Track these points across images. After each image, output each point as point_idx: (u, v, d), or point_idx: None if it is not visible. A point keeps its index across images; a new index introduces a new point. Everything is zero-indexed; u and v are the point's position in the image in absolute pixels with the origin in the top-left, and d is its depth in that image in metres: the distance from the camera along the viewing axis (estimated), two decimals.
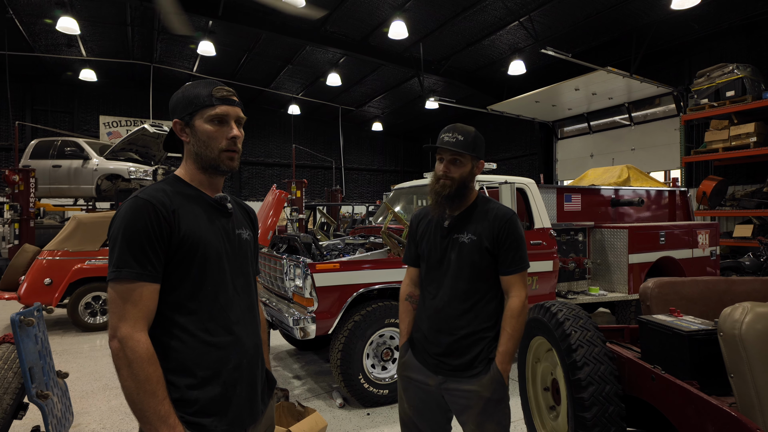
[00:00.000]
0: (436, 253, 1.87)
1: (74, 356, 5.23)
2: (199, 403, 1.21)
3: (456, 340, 1.78)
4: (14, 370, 2.38)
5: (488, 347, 1.78)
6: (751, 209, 8.82)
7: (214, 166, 1.32)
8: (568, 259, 5.29)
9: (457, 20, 11.04)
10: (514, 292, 1.79)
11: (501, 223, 1.80)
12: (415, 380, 1.88)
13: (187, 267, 1.23)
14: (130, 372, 1.11)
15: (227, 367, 1.27)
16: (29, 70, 15.25)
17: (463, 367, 1.77)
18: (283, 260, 4.00)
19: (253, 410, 1.35)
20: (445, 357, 1.80)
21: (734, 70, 8.86)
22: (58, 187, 10.56)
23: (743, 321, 1.55)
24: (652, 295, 2.38)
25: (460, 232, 1.83)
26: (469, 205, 1.87)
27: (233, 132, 1.31)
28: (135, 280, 1.14)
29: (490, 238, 1.79)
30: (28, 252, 6.89)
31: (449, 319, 1.80)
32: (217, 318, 1.27)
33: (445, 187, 1.80)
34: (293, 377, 4.58)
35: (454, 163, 1.80)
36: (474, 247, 1.79)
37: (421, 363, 1.87)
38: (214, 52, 12.10)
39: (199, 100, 1.29)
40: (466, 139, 1.79)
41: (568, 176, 15.26)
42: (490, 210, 1.85)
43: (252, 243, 1.47)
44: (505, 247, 1.79)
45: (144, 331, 1.14)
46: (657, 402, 1.88)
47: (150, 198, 1.20)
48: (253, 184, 19.96)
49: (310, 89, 16.82)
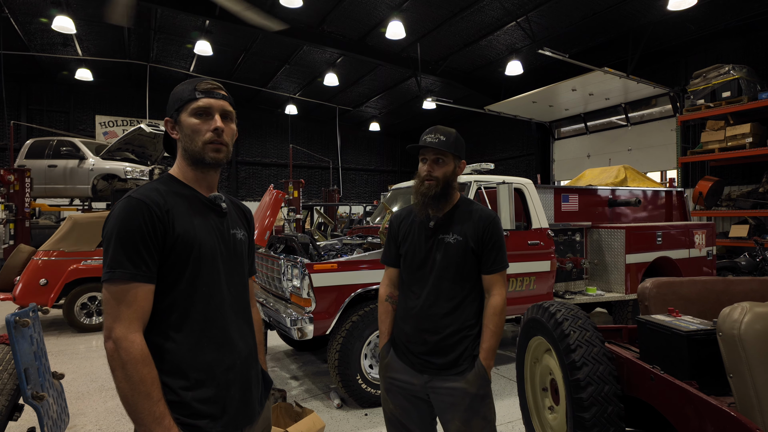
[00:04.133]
0: (420, 253, 1.89)
1: (70, 357, 5.20)
2: (194, 405, 1.20)
3: (441, 338, 1.82)
4: (9, 371, 2.36)
5: (472, 345, 1.84)
6: (747, 209, 8.86)
7: (199, 159, 1.31)
8: (565, 259, 5.29)
9: (454, 20, 11.05)
10: (496, 290, 1.85)
11: (485, 224, 1.86)
12: (399, 380, 1.91)
13: (181, 267, 1.21)
14: (124, 373, 1.10)
15: (221, 369, 1.25)
16: (25, 70, 15.17)
17: (449, 365, 1.81)
18: (280, 260, 3.99)
19: (249, 411, 1.33)
20: (431, 356, 1.83)
21: (730, 70, 8.90)
22: (53, 187, 10.51)
23: (742, 321, 1.55)
24: (650, 295, 2.38)
25: (445, 233, 1.87)
26: (452, 206, 1.91)
27: (216, 123, 1.30)
28: (129, 281, 1.13)
29: (475, 238, 1.84)
30: (23, 252, 6.86)
31: (435, 318, 1.83)
32: (210, 319, 1.25)
33: (430, 187, 1.83)
34: (291, 378, 4.57)
35: (437, 162, 1.84)
36: (460, 248, 1.84)
37: (405, 363, 1.89)
38: (210, 51, 12.06)
39: (183, 95, 1.30)
40: (448, 139, 1.83)
41: (565, 176, 15.30)
42: (474, 211, 1.90)
43: (247, 243, 1.45)
44: (488, 248, 1.85)
45: (139, 332, 1.13)
46: (656, 402, 1.88)
47: (143, 197, 1.19)
48: (250, 184, 19.92)
49: (307, 89, 16.80)
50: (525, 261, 4.57)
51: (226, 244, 1.34)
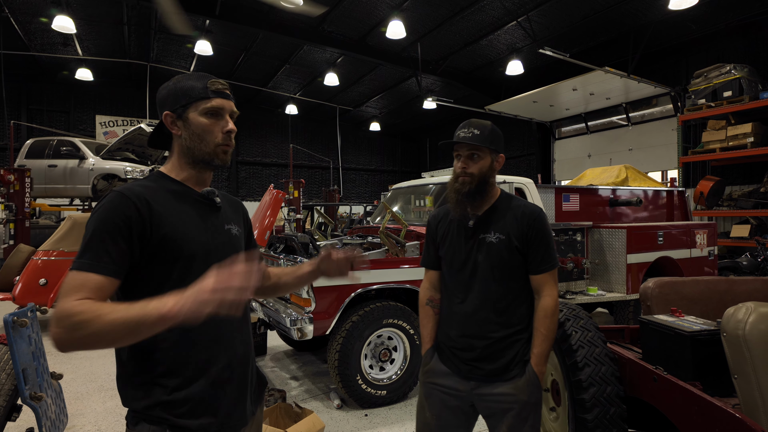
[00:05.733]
0: (460, 255, 1.79)
1: (69, 357, 5.19)
2: (189, 404, 1.18)
3: (490, 344, 1.72)
4: (7, 372, 2.35)
5: (523, 350, 1.73)
6: (748, 209, 8.84)
7: (208, 160, 1.28)
8: (566, 259, 5.28)
9: (454, 20, 11.04)
10: (546, 291, 1.73)
11: (530, 221, 1.74)
12: (441, 386, 1.80)
13: (172, 264, 1.19)
14: (97, 331, 0.97)
15: (217, 367, 1.23)
16: (25, 69, 15.16)
17: (499, 372, 1.71)
18: (280, 260, 3.98)
19: (244, 411, 1.31)
20: (479, 362, 1.73)
21: (731, 70, 8.88)
22: (53, 187, 10.50)
23: (747, 321, 1.53)
24: (652, 295, 2.36)
25: (486, 232, 1.76)
26: (492, 203, 1.80)
27: (229, 126, 1.28)
28: (87, 271, 1.07)
29: (519, 236, 1.73)
30: (23, 252, 6.84)
31: (482, 323, 1.73)
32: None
33: (465, 184, 1.73)
34: (290, 378, 4.55)
35: (471, 158, 1.74)
36: (503, 247, 1.72)
37: (451, 369, 1.79)
38: (211, 51, 12.05)
39: (193, 92, 1.25)
40: (483, 133, 1.73)
41: (566, 176, 15.28)
42: (516, 207, 1.78)
43: (242, 238, 1.42)
44: (535, 245, 1.73)
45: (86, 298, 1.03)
46: (659, 403, 1.86)
47: (125, 191, 1.16)
48: (250, 184, 19.91)
49: (307, 89, 16.78)
50: None
51: (221, 240, 1.31)
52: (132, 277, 1.17)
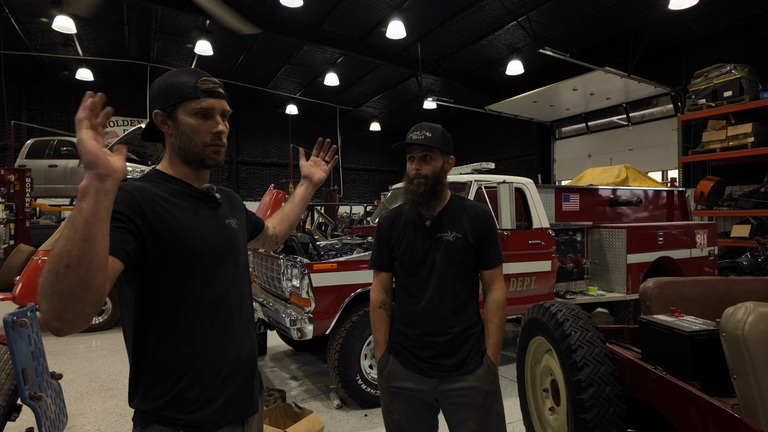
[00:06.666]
0: (417, 254, 1.83)
1: (69, 357, 5.19)
2: (200, 400, 1.19)
3: (449, 339, 1.78)
4: (7, 372, 2.35)
5: (478, 342, 1.83)
6: (748, 209, 8.83)
7: (199, 160, 1.27)
8: (566, 259, 5.28)
9: (455, 20, 11.03)
10: (496, 285, 1.86)
11: (483, 220, 1.85)
12: (404, 389, 1.82)
13: (178, 262, 1.18)
14: (59, 271, 0.85)
15: (228, 361, 1.25)
16: (25, 70, 15.17)
17: (458, 365, 1.78)
18: (280, 260, 3.98)
19: (252, 401, 1.33)
20: (439, 358, 1.78)
21: (732, 70, 8.87)
22: (54, 186, 10.50)
23: (746, 321, 1.53)
24: (652, 295, 2.36)
25: (443, 231, 1.83)
26: (445, 203, 1.87)
27: (219, 127, 1.25)
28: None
29: (474, 234, 1.83)
30: (23, 252, 6.85)
31: (441, 319, 1.79)
32: (213, 311, 1.23)
33: (420, 185, 1.79)
34: (290, 378, 4.55)
35: (424, 159, 1.80)
36: (460, 245, 1.81)
37: (411, 369, 1.81)
38: (211, 51, 12.05)
39: (183, 92, 1.22)
40: (434, 135, 1.79)
41: (566, 176, 15.27)
42: (469, 207, 1.88)
43: (241, 230, 1.42)
44: (487, 243, 1.84)
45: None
46: (658, 403, 1.86)
47: (127, 188, 1.15)
48: (250, 184, 19.91)
49: (307, 89, 16.78)
50: (526, 261, 4.56)
51: (223, 235, 1.31)
52: (148, 287, 1.16)
